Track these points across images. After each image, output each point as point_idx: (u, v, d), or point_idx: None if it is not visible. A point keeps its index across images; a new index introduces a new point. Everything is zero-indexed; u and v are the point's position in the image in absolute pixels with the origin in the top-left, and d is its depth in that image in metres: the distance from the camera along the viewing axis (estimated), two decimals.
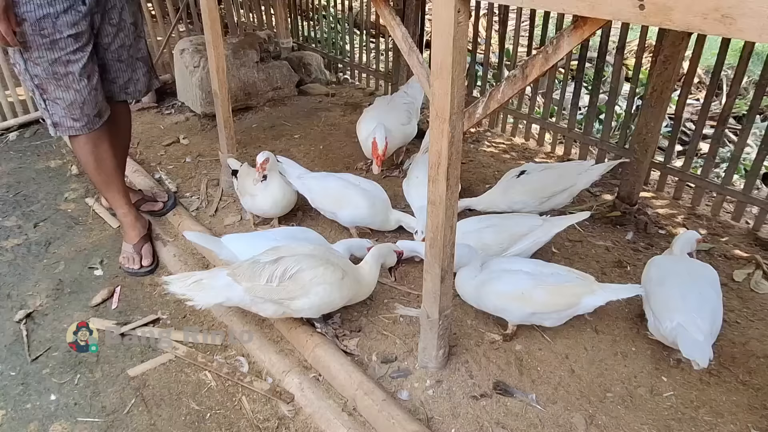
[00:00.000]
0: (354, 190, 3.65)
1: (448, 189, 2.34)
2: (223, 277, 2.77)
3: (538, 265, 2.97)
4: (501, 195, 3.70)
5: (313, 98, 6.21)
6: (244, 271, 2.74)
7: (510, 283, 2.82)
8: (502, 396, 2.66)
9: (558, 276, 2.87)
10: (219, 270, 2.85)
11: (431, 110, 2.24)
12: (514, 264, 2.96)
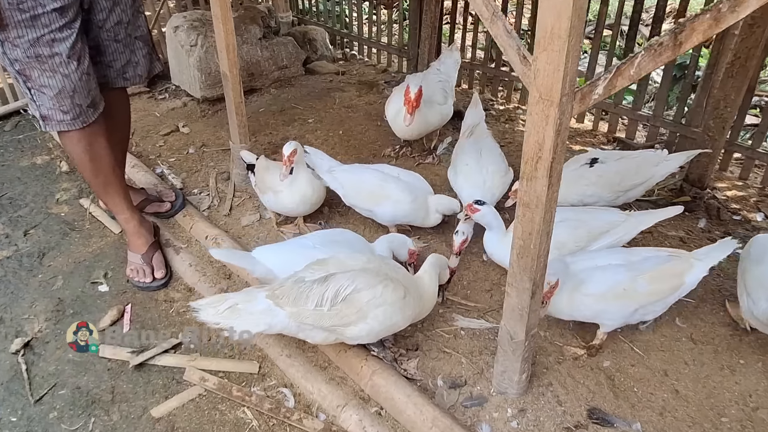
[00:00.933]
0: (393, 183, 3.18)
1: (550, 188, 1.89)
2: (261, 301, 2.32)
3: (622, 252, 2.60)
4: (570, 185, 3.22)
5: (323, 77, 5.67)
6: (287, 292, 2.29)
7: (605, 281, 2.41)
8: (600, 426, 2.27)
9: (652, 260, 2.48)
10: (255, 291, 2.39)
11: (532, 92, 1.77)
12: (599, 258, 2.56)
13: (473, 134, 3.55)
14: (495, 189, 3.31)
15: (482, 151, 3.39)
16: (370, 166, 3.36)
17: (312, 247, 2.71)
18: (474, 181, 3.28)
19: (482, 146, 3.43)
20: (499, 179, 3.31)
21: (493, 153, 3.42)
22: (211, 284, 3.09)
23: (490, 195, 3.27)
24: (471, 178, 3.30)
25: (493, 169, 3.32)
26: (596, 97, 1.72)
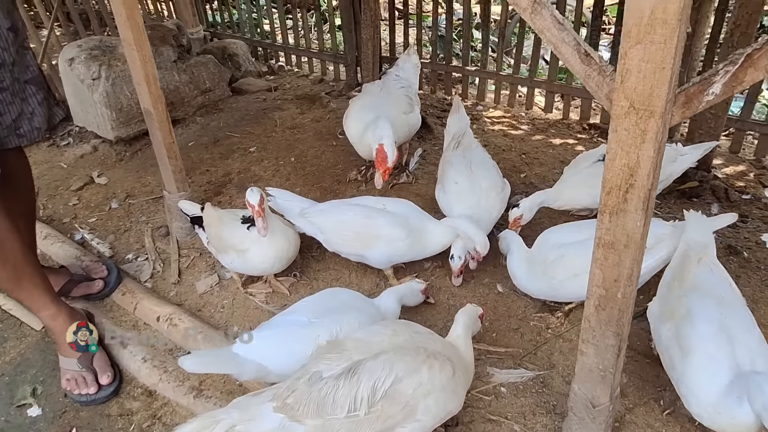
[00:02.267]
0: (382, 218, 2.65)
1: (645, 223, 1.44)
2: (269, 417, 1.72)
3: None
4: (584, 186, 2.82)
5: (253, 96, 5.00)
6: (303, 399, 1.70)
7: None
8: None
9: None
10: (255, 403, 1.77)
11: (617, 99, 1.31)
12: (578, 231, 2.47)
13: (460, 145, 3.07)
14: (492, 209, 2.83)
15: (472, 165, 2.91)
16: (349, 201, 2.80)
17: (307, 323, 2.12)
18: (467, 202, 2.79)
19: (472, 159, 2.95)
20: (495, 197, 2.83)
21: (486, 166, 2.94)
22: (179, 382, 2.42)
23: (487, 216, 2.81)
24: (463, 199, 2.81)
25: (488, 185, 2.83)
26: (710, 99, 1.28)
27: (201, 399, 2.36)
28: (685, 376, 1.86)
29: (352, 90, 4.92)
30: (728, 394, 1.75)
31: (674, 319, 2.00)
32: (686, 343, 1.90)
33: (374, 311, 2.29)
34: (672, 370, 1.95)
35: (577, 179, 2.88)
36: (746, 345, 1.84)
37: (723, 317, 1.92)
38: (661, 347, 2.04)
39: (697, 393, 1.82)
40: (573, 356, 2.38)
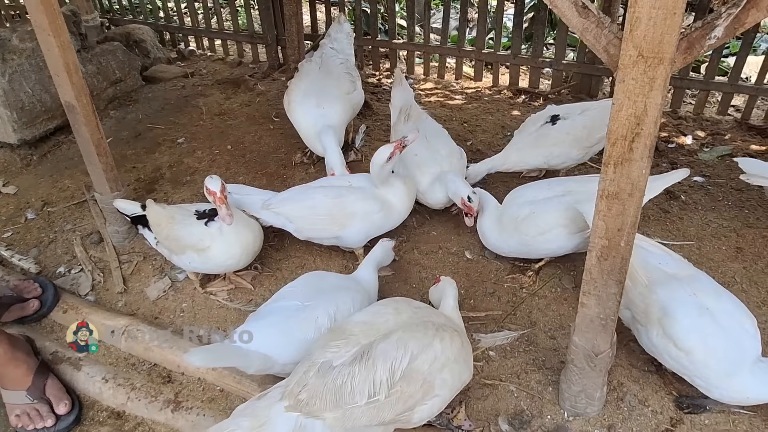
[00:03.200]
0: (352, 194, 2.56)
1: (647, 170, 1.48)
2: (282, 418, 1.60)
3: (567, 181, 2.55)
4: (533, 147, 2.89)
5: (170, 84, 4.63)
6: (317, 392, 1.60)
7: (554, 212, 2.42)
8: (694, 414, 2.00)
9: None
10: (264, 405, 1.64)
11: (625, 49, 1.32)
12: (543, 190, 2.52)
13: (410, 117, 3.02)
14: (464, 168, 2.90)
15: (428, 135, 2.89)
16: (312, 185, 2.67)
17: (302, 306, 2.01)
18: (431, 171, 2.78)
19: (425, 130, 2.93)
20: (456, 162, 2.86)
21: (441, 134, 2.95)
22: (151, 397, 2.21)
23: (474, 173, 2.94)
24: (426, 169, 2.79)
25: (447, 152, 2.85)
26: (711, 43, 1.32)
27: (181, 412, 2.17)
28: (699, 371, 1.86)
29: (276, 71, 4.70)
30: (745, 373, 1.81)
31: (653, 321, 1.94)
32: (682, 344, 1.86)
33: (362, 288, 2.22)
34: (682, 369, 1.91)
35: (526, 142, 2.97)
36: (726, 312, 1.88)
37: (694, 296, 1.91)
38: (657, 351, 1.97)
39: (719, 384, 1.84)
40: (551, 312, 2.46)
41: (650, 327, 1.96)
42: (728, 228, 2.76)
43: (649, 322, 1.96)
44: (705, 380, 1.87)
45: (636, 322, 2.05)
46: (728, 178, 3.12)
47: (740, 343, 1.84)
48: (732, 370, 1.82)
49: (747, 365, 1.82)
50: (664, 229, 2.79)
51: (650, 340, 1.97)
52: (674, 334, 1.88)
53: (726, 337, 1.83)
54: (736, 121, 3.68)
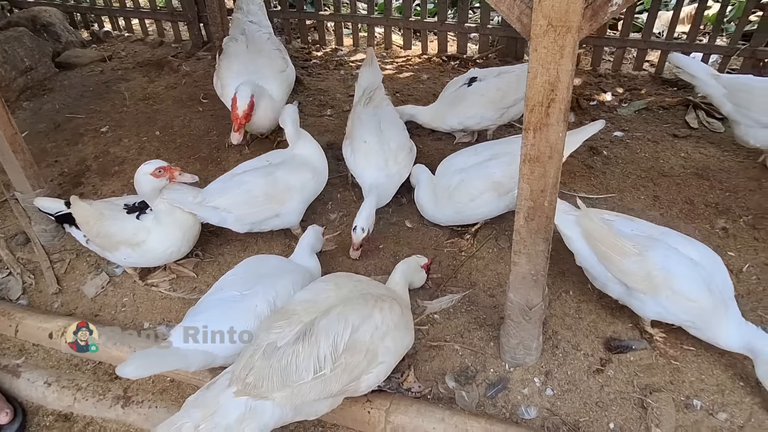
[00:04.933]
0: (281, 170, 2.57)
1: (563, 134, 1.57)
2: (232, 404, 1.62)
3: (496, 145, 2.66)
4: (449, 108, 2.98)
5: (87, 70, 4.38)
6: (264, 373, 1.64)
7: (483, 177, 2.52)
8: (622, 354, 2.18)
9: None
10: (213, 393, 1.66)
11: (535, 19, 1.38)
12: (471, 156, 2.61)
13: (372, 101, 2.95)
14: (402, 169, 2.78)
15: (382, 123, 2.82)
16: (233, 173, 2.62)
17: (240, 296, 2.01)
18: (375, 162, 2.73)
19: (382, 118, 2.85)
20: (404, 158, 2.79)
21: (396, 126, 2.86)
22: (99, 396, 2.18)
23: (397, 176, 2.76)
24: (371, 159, 2.73)
25: (397, 145, 2.77)
26: (614, 9, 1.40)
27: (132, 407, 2.16)
28: (707, 316, 1.96)
29: (201, 50, 4.54)
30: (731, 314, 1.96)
31: (659, 286, 1.98)
32: (692, 294, 1.94)
33: (302, 269, 2.25)
34: (693, 318, 1.99)
35: (443, 102, 3.10)
36: (706, 257, 2.02)
37: (678, 251, 2.01)
38: (668, 312, 2.02)
39: (719, 323, 1.96)
40: (489, 271, 2.58)
41: (657, 292, 1.98)
42: (645, 178, 2.95)
43: (654, 288, 1.99)
44: (708, 324, 1.97)
45: (636, 293, 2.05)
46: (645, 131, 3.31)
47: (725, 283, 2.01)
48: (726, 311, 1.96)
49: (731, 310, 1.97)
50: (589, 184, 2.95)
51: (660, 304, 2.01)
52: (683, 290, 1.94)
53: (716, 281, 1.98)
54: (651, 76, 3.88)
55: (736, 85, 2.72)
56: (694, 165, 3.01)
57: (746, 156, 3.04)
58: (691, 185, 2.88)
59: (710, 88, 2.78)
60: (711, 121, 3.31)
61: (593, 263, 2.16)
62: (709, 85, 2.78)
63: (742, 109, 2.71)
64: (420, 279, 2.32)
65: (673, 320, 2.06)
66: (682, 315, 2.02)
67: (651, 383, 2.07)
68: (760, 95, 2.65)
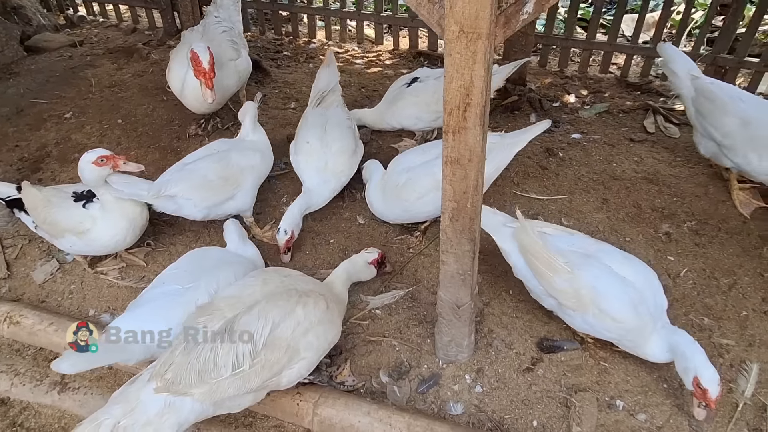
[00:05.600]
0: (233, 154, 2.63)
1: (483, 138, 1.60)
2: (152, 400, 1.65)
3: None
4: (388, 107, 3.00)
5: (56, 54, 4.36)
6: (182, 371, 1.66)
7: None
8: (553, 353, 2.22)
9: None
10: (135, 389, 1.68)
11: (448, 25, 1.40)
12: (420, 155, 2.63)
13: (323, 101, 2.95)
14: (341, 173, 2.77)
15: (328, 125, 2.81)
16: (184, 163, 2.62)
17: (182, 290, 2.03)
18: (315, 164, 2.73)
19: (328, 119, 2.85)
20: (345, 160, 2.78)
21: (341, 127, 2.84)
22: (36, 381, 2.21)
23: (335, 180, 2.76)
24: (312, 160, 2.74)
25: (338, 147, 2.76)
26: (525, 17, 1.43)
27: (68, 393, 2.19)
28: (633, 335, 1.98)
29: (173, 38, 4.52)
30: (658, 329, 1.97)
31: (587, 304, 1.99)
32: (618, 315, 1.95)
33: (243, 259, 2.28)
34: (618, 337, 2.02)
35: (384, 102, 3.15)
36: (638, 274, 2.03)
37: (611, 269, 2.01)
38: (594, 329, 2.05)
39: (645, 342, 1.98)
40: (435, 269, 2.61)
41: (585, 310, 2.01)
42: (597, 181, 2.98)
43: (582, 306, 2.01)
44: (635, 341, 2.00)
45: (566, 308, 2.08)
46: (603, 134, 3.35)
47: (656, 301, 2.01)
48: (653, 328, 1.98)
49: (660, 324, 1.99)
50: (541, 185, 2.98)
51: (587, 321, 2.04)
52: (609, 310, 1.96)
53: (646, 300, 1.98)
54: (617, 79, 3.91)
55: (704, 91, 2.69)
56: (645, 169, 3.04)
57: (697, 162, 3.08)
58: (640, 189, 2.92)
59: (683, 89, 2.78)
60: (668, 126, 3.35)
61: (529, 277, 2.18)
62: (684, 85, 2.77)
63: (700, 117, 2.73)
64: (368, 275, 2.34)
65: (600, 336, 2.09)
66: (608, 333, 2.05)
67: (578, 383, 2.11)
68: (719, 108, 2.62)
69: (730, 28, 3.46)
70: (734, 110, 2.59)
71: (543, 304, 2.21)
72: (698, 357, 1.88)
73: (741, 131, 2.56)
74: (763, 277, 2.47)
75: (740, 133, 2.57)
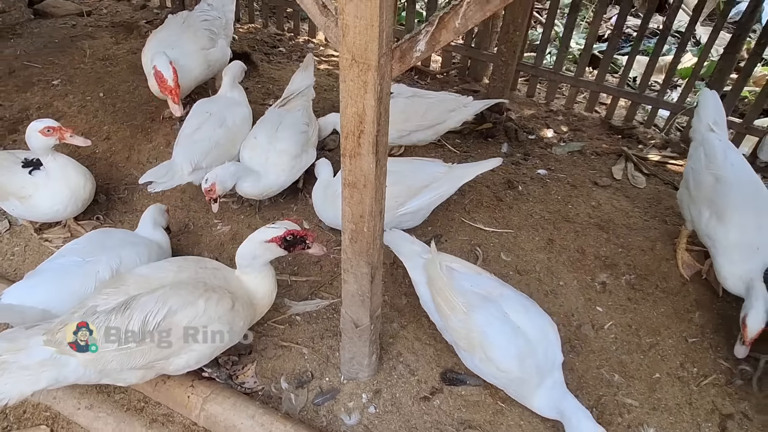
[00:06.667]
0: (228, 114, 2.90)
1: (378, 165, 1.61)
2: (39, 349, 1.73)
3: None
4: None
5: (61, 21, 4.49)
6: None
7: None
8: (453, 386, 2.22)
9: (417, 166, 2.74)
10: (26, 335, 1.77)
11: (343, 53, 1.42)
12: None
13: (288, 103, 3.00)
14: (280, 172, 2.76)
15: (280, 126, 2.85)
16: (187, 132, 2.82)
17: (83, 262, 2.10)
18: (258, 159, 2.77)
19: (283, 120, 2.88)
20: (286, 161, 2.78)
21: (292, 131, 2.85)
22: None
23: (274, 176, 2.75)
24: (254, 154, 2.79)
25: (283, 147, 2.78)
26: (418, 55, 1.44)
27: None
28: (517, 386, 2.00)
29: None
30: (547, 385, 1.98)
31: (475, 347, 2.01)
32: (502, 365, 1.96)
33: (148, 241, 2.34)
34: (502, 386, 2.05)
35: None
36: (535, 327, 2.00)
37: (507, 316, 2.01)
38: (482, 373, 2.07)
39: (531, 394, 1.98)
40: None
41: (473, 352, 2.03)
42: (548, 220, 2.96)
43: (471, 348, 2.02)
44: (520, 392, 2.01)
45: (459, 347, 2.10)
46: (569, 173, 3.32)
47: (547, 356, 1.99)
48: (541, 382, 1.97)
49: (550, 381, 1.97)
50: (492, 216, 2.98)
51: (474, 364, 2.06)
52: (495, 358, 1.97)
53: (536, 354, 1.96)
54: (601, 120, 3.87)
55: (707, 147, 2.61)
56: (600, 216, 3.02)
57: (653, 216, 3.04)
58: (588, 235, 2.89)
59: (695, 136, 2.72)
60: (636, 175, 3.31)
61: (432, 310, 2.19)
62: (697, 133, 2.71)
63: (691, 171, 2.67)
64: (270, 254, 2.02)
65: (488, 381, 2.09)
66: (494, 379, 2.05)
67: (470, 419, 2.11)
68: (708, 159, 2.57)
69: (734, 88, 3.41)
70: (717, 167, 2.53)
71: (444, 337, 2.21)
72: (584, 424, 1.87)
73: (711, 186, 2.51)
74: (687, 342, 2.43)
75: (709, 188, 2.52)
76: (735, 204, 2.41)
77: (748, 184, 2.50)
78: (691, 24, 3.33)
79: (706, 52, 3.43)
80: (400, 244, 2.30)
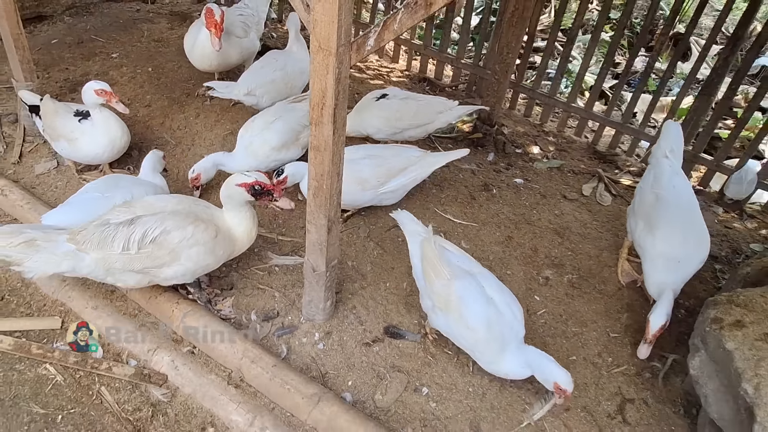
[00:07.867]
0: (290, 63, 3.60)
1: (335, 133, 2.05)
2: (63, 244, 2.24)
3: (375, 148, 3.21)
4: (356, 114, 3.50)
5: (128, 6, 5.15)
6: (89, 237, 2.23)
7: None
8: (393, 339, 2.61)
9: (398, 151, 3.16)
10: (55, 232, 2.28)
11: (312, 41, 1.87)
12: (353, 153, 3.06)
13: (301, 101, 3.44)
14: (260, 159, 3.19)
15: (279, 119, 3.26)
16: (257, 66, 3.55)
17: (102, 197, 2.61)
18: (246, 139, 3.21)
19: (283, 114, 3.30)
20: (267, 150, 3.20)
21: (284, 126, 3.25)
22: None
23: (253, 158, 3.18)
24: (246, 134, 3.23)
25: (269, 138, 3.20)
26: (369, 48, 1.88)
27: None
28: (481, 347, 2.32)
29: None
30: (511, 352, 2.30)
31: (452, 307, 2.32)
32: (472, 324, 2.29)
33: (151, 184, 2.83)
34: (468, 346, 2.35)
35: (355, 110, 3.60)
36: (504, 303, 2.34)
37: (483, 288, 2.35)
38: (452, 332, 2.39)
39: (492, 359, 2.32)
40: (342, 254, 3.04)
41: (449, 312, 2.37)
42: (512, 221, 3.33)
43: (448, 308, 2.35)
44: (482, 354, 2.34)
45: (436, 309, 2.43)
46: (543, 185, 3.67)
47: (512, 327, 2.34)
48: (503, 348, 2.32)
49: (513, 346, 2.32)
50: (462, 211, 3.36)
51: (447, 323, 2.39)
52: (467, 317, 2.31)
53: (502, 322, 2.32)
54: (588, 145, 4.21)
55: (657, 170, 2.90)
56: (559, 223, 3.36)
57: (608, 230, 3.36)
58: (545, 237, 3.24)
59: (651, 160, 3.01)
60: (604, 194, 3.63)
61: (420, 278, 2.53)
62: (653, 158, 3.00)
63: (639, 189, 2.96)
64: (240, 197, 2.39)
65: (456, 342, 2.42)
66: (463, 341, 2.38)
67: (400, 365, 2.50)
68: (655, 181, 2.86)
69: (710, 127, 3.70)
70: (660, 187, 2.82)
71: (422, 304, 2.55)
72: (551, 366, 2.24)
73: (651, 203, 2.81)
74: (609, 336, 2.75)
75: (649, 204, 2.82)
76: (666, 219, 2.73)
77: (683, 204, 2.80)
78: (694, 70, 3.64)
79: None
80: (406, 223, 2.67)
